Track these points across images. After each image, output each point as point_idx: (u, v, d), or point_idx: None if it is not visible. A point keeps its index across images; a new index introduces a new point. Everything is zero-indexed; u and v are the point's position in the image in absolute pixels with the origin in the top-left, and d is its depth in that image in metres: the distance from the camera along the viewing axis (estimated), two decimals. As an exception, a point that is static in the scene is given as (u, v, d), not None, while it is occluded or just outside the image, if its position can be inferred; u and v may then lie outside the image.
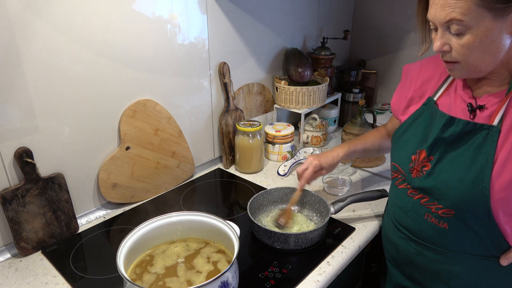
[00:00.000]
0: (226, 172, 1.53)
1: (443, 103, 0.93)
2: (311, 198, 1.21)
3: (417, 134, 0.96)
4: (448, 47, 0.79)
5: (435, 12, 0.77)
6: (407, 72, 1.06)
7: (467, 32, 0.74)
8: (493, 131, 0.81)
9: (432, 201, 0.90)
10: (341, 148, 1.19)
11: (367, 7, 2.06)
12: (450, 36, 0.77)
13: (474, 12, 0.72)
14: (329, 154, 1.17)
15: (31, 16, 0.94)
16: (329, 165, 1.16)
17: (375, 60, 2.12)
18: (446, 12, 0.74)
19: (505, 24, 0.73)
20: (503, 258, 0.88)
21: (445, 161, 0.89)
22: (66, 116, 1.07)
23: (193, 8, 1.29)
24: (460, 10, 0.72)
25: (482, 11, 0.71)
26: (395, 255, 1.07)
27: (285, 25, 1.70)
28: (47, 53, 0.99)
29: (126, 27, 1.12)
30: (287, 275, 0.98)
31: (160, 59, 1.25)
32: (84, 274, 0.99)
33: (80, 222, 1.18)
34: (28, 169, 1.01)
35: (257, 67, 1.64)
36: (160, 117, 1.28)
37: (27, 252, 1.05)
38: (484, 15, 0.72)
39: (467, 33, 0.75)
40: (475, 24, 0.73)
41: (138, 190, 1.29)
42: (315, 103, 1.67)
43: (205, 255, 0.93)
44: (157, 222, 0.94)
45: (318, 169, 1.15)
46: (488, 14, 0.72)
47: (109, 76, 1.13)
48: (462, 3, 0.72)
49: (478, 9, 0.71)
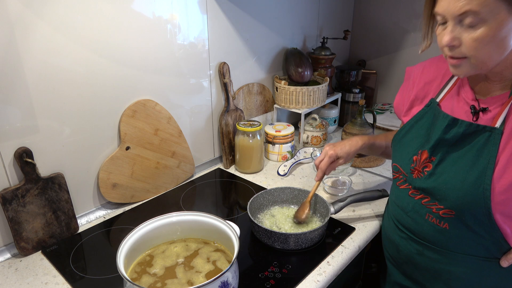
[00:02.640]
0: (226, 172, 1.53)
1: (446, 105, 0.93)
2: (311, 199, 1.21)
3: (419, 135, 0.95)
4: (458, 42, 0.76)
5: (448, 5, 0.74)
6: (410, 74, 1.05)
7: (481, 25, 0.72)
8: (496, 133, 0.81)
9: (433, 202, 0.90)
10: (360, 138, 1.16)
11: (367, 7, 2.06)
12: (461, 30, 0.75)
13: (491, 4, 0.70)
14: (346, 143, 1.14)
15: (31, 16, 0.94)
16: (347, 154, 1.13)
17: (375, 60, 2.12)
18: (461, 3, 0.71)
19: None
20: (503, 260, 0.87)
21: (446, 162, 0.88)
22: (66, 116, 1.07)
23: (193, 8, 1.29)
24: (478, 1, 0.70)
25: (499, 4, 0.69)
26: (395, 255, 1.07)
27: (285, 25, 1.70)
28: (47, 53, 0.99)
29: (126, 27, 1.12)
30: (287, 275, 0.98)
31: (160, 59, 1.25)
32: (84, 274, 0.99)
33: (80, 222, 1.18)
34: (28, 169, 1.01)
35: (257, 67, 1.64)
36: (160, 117, 1.28)
37: (27, 252, 1.05)
38: (500, 8, 0.70)
39: (481, 26, 0.72)
40: (491, 17, 0.71)
41: (138, 190, 1.29)
42: (315, 103, 1.67)
43: (205, 255, 0.93)
44: (157, 222, 0.94)
45: (334, 158, 1.13)
46: (505, 7, 0.70)
47: (109, 76, 1.13)
48: None
49: (496, 1, 0.69)
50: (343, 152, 1.13)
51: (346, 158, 1.14)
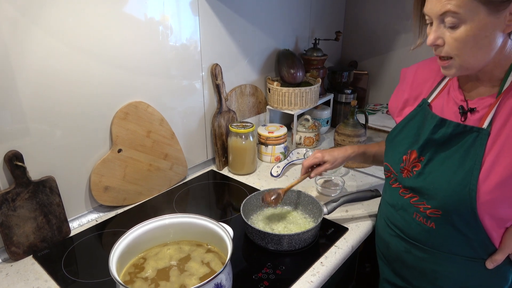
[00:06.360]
0: (219, 173, 1.52)
1: (437, 105, 0.94)
2: (304, 199, 1.21)
3: (410, 135, 0.97)
4: (441, 41, 0.79)
5: (431, 5, 0.78)
6: (404, 75, 1.07)
7: (461, 25, 0.75)
8: (483, 134, 0.82)
9: (421, 201, 0.92)
10: (350, 146, 1.20)
11: (358, 9, 2.08)
12: (444, 30, 0.78)
13: (469, 5, 0.72)
14: (335, 149, 1.18)
15: (21, 19, 0.93)
16: (334, 159, 1.16)
17: (366, 61, 2.13)
18: (441, 4, 0.75)
19: (498, 21, 0.74)
20: (488, 261, 0.89)
21: (435, 162, 0.90)
22: (57, 119, 1.06)
23: (184, 10, 1.29)
24: (456, 2, 0.73)
25: (477, 4, 0.72)
26: (386, 253, 1.09)
27: (277, 26, 1.71)
28: (38, 56, 0.98)
29: (117, 29, 1.12)
30: (280, 276, 0.98)
31: (152, 61, 1.24)
32: (76, 278, 0.98)
33: (72, 225, 1.17)
34: (18, 172, 1.00)
35: (250, 69, 1.64)
36: (152, 119, 1.28)
37: (18, 257, 1.04)
38: (479, 9, 0.73)
39: (461, 26, 0.75)
40: (470, 17, 0.74)
41: (130, 193, 1.28)
42: (307, 104, 1.68)
43: (198, 257, 0.93)
44: (150, 225, 0.93)
45: (320, 160, 1.15)
46: (483, 8, 0.72)
47: (100, 78, 1.12)
48: None
49: (473, 2, 0.72)
50: (330, 156, 1.16)
51: (333, 163, 1.16)
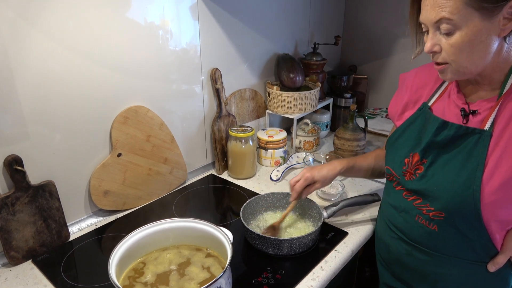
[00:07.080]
0: (219, 178, 1.52)
1: (438, 108, 0.94)
2: (304, 203, 1.21)
3: (411, 138, 0.97)
4: (438, 48, 0.80)
5: (426, 13, 0.78)
6: (403, 80, 1.08)
7: (456, 32, 0.76)
8: (485, 135, 0.83)
9: (424, 203, 0.92)
10: (339, 162, 1.14)
11: (357, 13, 2.08)
12: (440, 37, 0.79)
13: (462, 11, 0.73)
14: (325, 167, 1.13)
15: (22, 23, 0.93)
16: (324, 178, 1.11)
17: (366, 65, 2.14)
18: (436, 11, 0.76)
19: (493, 25, 0.74)
20: (490, 264, 0.89)
21: (437, 164, 0.90)
22: (57, 123, 1.06)
23: (184, 14, 1.30)
24: (449, 9, 0.74)
25: (471, 10, 0.73)
26: (385, 256, 1.08)
27: (277, 31, 1.71)
28: (38, 59, 0.98)
29: (117, 34, 1.12)
30: (280, 280, 0.97)
31: (151, 65, 1.24)
32: (76, 283, 0.97)
33: (72, 230, 1.17)
34: (18, 177, 1.00)
35: (249, 73, 1.64)
36: (152, 123, 1.28)
37: (17, 262, 1.03)
38: (472, 15, 0.73)
39: (456, 33, 0.76)
40: (464, 23, 0.74)
41: (130, 197, 1.28)
42: (307, 108, 1.68)
43: (198, 261, 0.93)
44: (149, 229, 0.93)
45: (311, 181, 1.11)
46: (477, 13, 0.73)
47: (100, 82, 1.13)
48: (451, 2, 0.73)
49: (467, 8, 0.73)
50: (320, 175, 1.11)
51: (323, 182, 1.12)
